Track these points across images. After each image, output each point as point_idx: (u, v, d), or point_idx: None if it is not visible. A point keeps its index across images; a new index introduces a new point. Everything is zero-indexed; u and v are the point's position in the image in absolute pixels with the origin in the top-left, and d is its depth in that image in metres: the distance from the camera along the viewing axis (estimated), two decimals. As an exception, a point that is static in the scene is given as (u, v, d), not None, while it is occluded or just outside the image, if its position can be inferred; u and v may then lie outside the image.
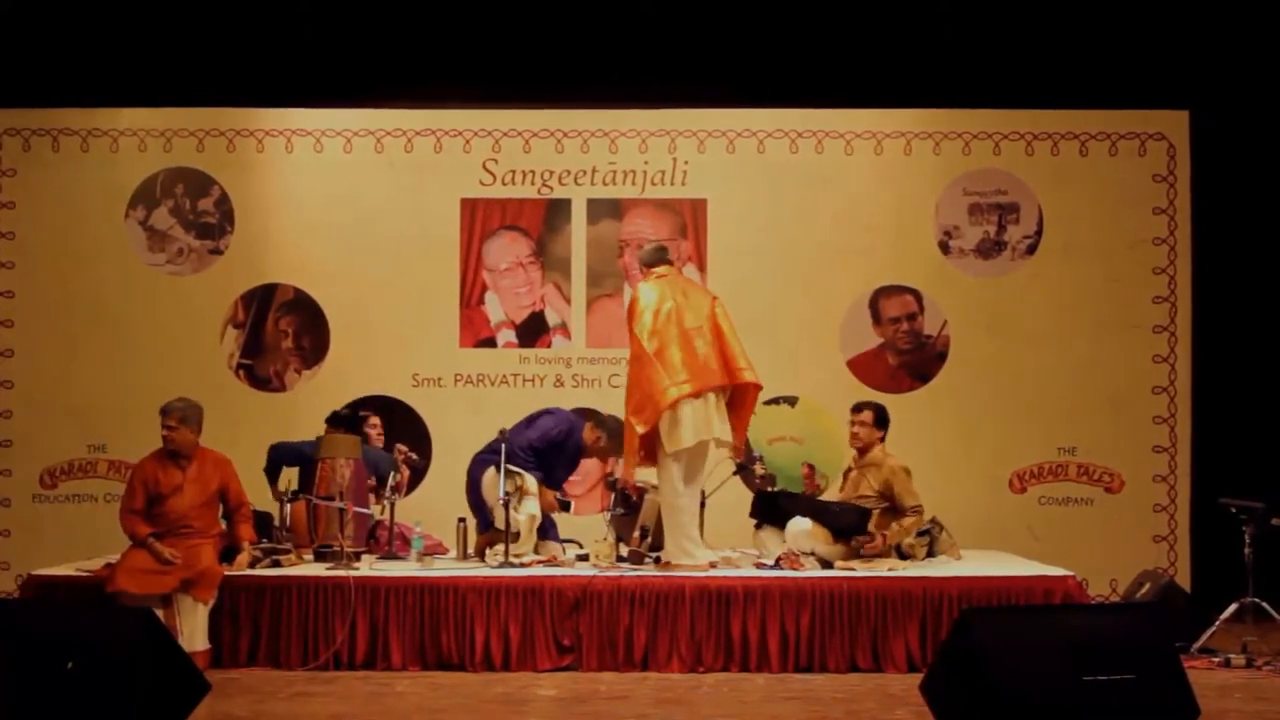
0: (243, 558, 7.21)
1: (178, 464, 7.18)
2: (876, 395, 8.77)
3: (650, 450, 7.35)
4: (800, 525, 7.43)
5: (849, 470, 7.85)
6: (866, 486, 7.60)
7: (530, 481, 7.53)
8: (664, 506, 7.36)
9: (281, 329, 9.24)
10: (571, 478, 8.28)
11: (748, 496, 8.80)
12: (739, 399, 7.47)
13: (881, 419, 7.75)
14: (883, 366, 9.22)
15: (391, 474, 7.88)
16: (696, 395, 7.21)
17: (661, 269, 7.54)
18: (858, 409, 7.80)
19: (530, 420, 7.86)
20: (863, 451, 7.72)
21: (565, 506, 7.92)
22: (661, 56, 9.06)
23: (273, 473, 7.90)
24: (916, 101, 9.23)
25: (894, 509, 7.51)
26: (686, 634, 7.01)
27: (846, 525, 7.44)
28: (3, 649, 5.15)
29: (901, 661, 7.00)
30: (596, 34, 9.02)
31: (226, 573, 7.04)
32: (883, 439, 7.74)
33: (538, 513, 7.59)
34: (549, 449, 7.75)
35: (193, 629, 6.83)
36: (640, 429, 7.21)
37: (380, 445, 8.49)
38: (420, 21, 9.03)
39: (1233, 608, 7.54)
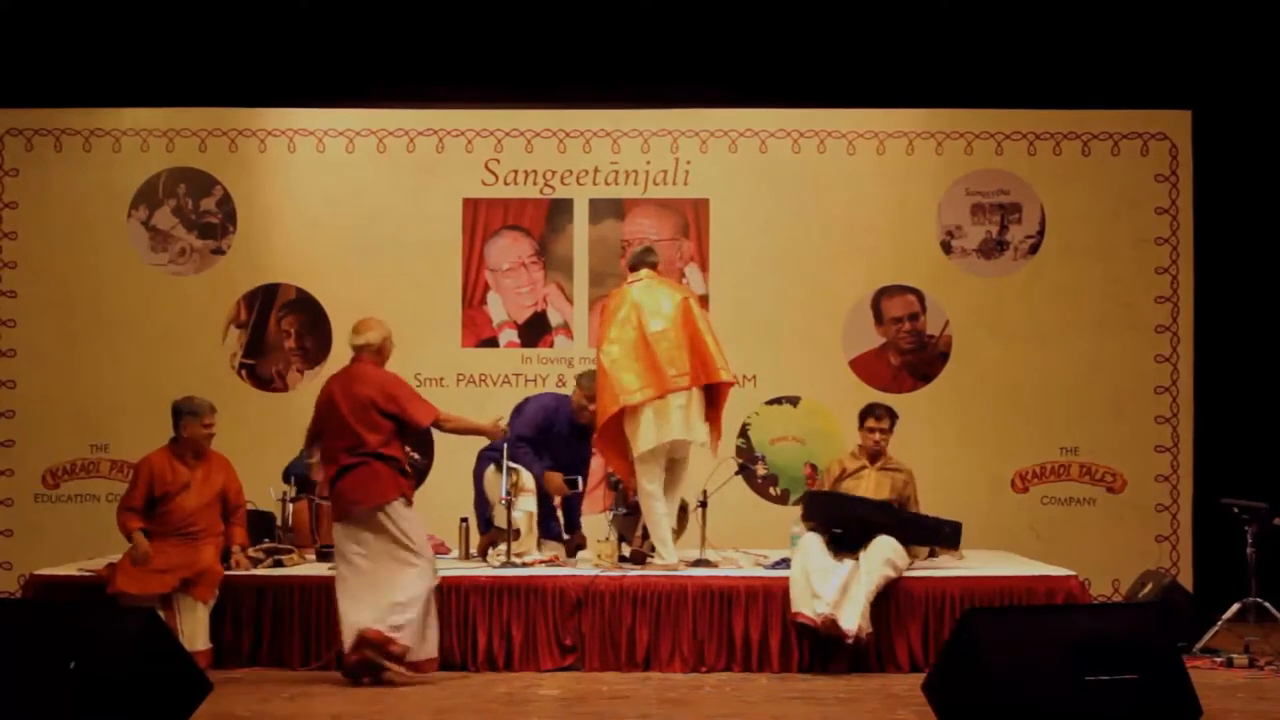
0: (236, 558, 7.18)
1: (187, 462, 7.16)
2: (879, 395, 8.76)
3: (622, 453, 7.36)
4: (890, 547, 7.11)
5: (860, 469, 7.52)
6: (888, 489, 7.44)
7: (527, 478, 7.49)
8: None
9: (284, 329, 9.24)
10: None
11: (749, 496, 8.84)
12: (715, 396, 7.38)
13: (894, 421, 7.63)
14: (885, 366, 9.22)
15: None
16: (659, 398, 7.16)
17: (641, 273, 7.49)
18: (879, 415, 7.54)
19: (516, 413, 7.78)
20: (876, 455, 7.57)
21: (573, 485, 7.72)
22: (664, 56, 9.06)
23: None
24: (919, 101, 9.23)
25: None
26: (689, 634, 7.02)
27: (946, 539, 7.31)
28: (5, 649, 5.16)
29: (904, 661, 7.00)
30: (599, 34, 9.02)
31: (226, 573, 7.04)
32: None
33: (534, 509, 7.55)
34: (539, 435, 7.66)
35: (193, 629, 6.82)
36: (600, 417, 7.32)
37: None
38: (422, 21, 9.04)
39: (1235, 608, 7.53)
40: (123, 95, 9.19)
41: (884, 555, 7.02)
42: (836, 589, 6.87)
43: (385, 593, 6.51)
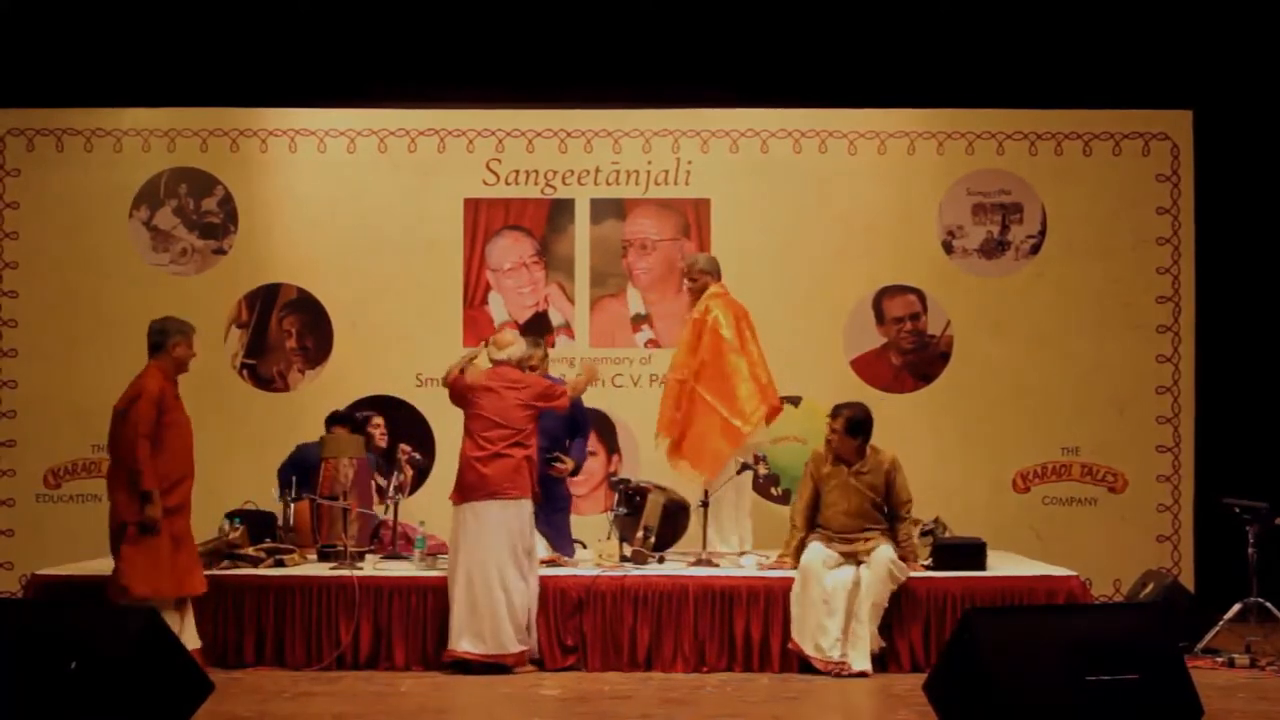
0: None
1: (176, 387, 6.77)
2: (880, 395, 8.78)
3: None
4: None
5: (829, 475, 7.23)
6: (857, 499, 7.15)
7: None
8: None
9: (285, 329, 9.24)
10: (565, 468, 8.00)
11: (750, 496, 8.82)
12: None
13: (854, 428, 7.16)
14: (886, 366, 9.22)
15: (395, 474, 7.88)
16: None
17: (715, 286, 7.90)
18: (833, 414, 7.27)
19: None
20: (839, 458, 7.20)
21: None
22: (665, 56, 9.06)
23: (283, 482, 7.85)
24: (920, 101, 9.22)
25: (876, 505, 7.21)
26: (690, 634, 7.02)
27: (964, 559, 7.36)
28: (6, 649, 5.16)
29: (904, 661, 7.00)
30: (600, 34, 9.02)
31: (219, 571, 7.02)
32: (862, 446, 7.20)
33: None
34: None
35: (184, 628, 6.73)
36: (747, 428, 7.73)
37: (384, 446, 8.43)
38: (423, 21, 9.04)
39: (1236, 608, 7.54)
40: (124, 95, 9.19)
41: (884, 568, 6.98)
42: (841, 618, 6.87)
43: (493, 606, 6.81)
